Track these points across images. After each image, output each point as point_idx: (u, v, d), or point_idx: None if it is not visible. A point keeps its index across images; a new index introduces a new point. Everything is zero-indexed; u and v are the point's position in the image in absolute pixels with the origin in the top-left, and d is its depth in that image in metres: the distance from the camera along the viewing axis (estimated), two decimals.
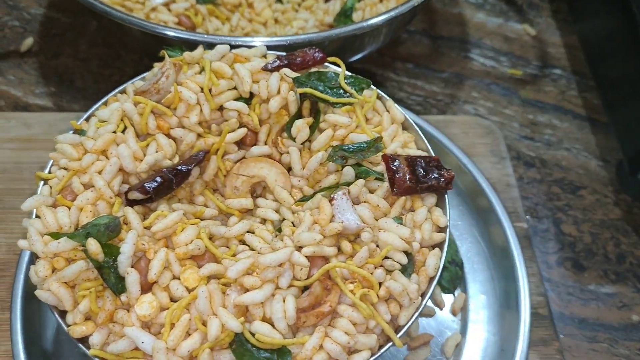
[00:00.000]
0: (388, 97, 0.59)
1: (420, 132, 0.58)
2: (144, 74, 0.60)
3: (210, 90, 0.55)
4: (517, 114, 0.91)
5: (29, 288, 0.59)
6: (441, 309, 0.66)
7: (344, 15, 0.86)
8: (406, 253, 0.48)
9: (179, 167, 0.52)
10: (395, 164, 0.52)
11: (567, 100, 0.93)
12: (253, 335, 0.44)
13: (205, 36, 0.72)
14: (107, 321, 0.44)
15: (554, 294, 0.72)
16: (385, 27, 0.80)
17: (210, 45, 0.63)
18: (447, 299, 0.66)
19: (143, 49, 0.87)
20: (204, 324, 0.44)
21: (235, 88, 0.56)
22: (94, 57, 0.92)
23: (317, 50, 0.61)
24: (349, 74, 0.59)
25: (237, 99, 0.56)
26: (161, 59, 0.60)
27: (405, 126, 0.59)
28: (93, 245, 0.44)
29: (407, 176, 0.51)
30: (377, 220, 0.50)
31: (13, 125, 0.78)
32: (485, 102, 0.92)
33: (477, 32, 1.01)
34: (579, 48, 0.99)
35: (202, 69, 0.57)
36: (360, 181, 0.51)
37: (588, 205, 0.81)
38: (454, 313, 0.65)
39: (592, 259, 0.76)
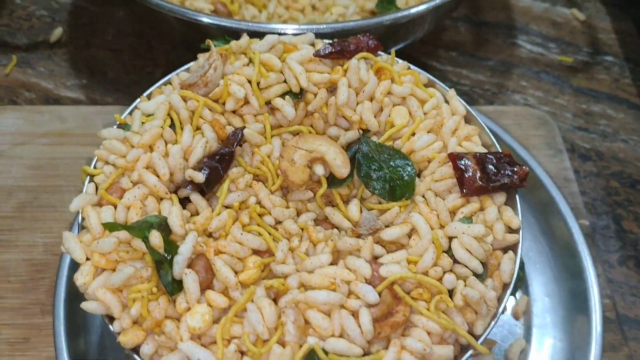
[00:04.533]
0: (448, 88, 0.56)
1: (485, 126, 0.54)
2: (189, 64, 0.57)
3: (258, 84, 0.51)
4: (569, 103, 0.86)
5: (71, 290, 0.57)
6: (503, 313, 0.62)
7: (387, 1, 0.82)
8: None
9: (222, 151, 0.48)
10: (463, 162, 0.48)
11: (621, 88, 0.88)
12: (326, 353, 0.40)
13: (244, 23, 0.69)
14: (153, 327, 0.41)
15: (617, 295, 0.68)
16: (431, 14, 0.75)
17: (250, 33, 0.59)
18: (509, 301, 0.62)
19: (177, 37, 0.83)
20: (256, 343, 0.41)
21: (285, 81, 0.52)
22: (125, 48, 0.89)
23: (370, 37, 0.57)
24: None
25: (286, 92, 0.52)
26: (198, 49, 0.56)
27: (468, 119, 0.55)
28: (156, 237, 0.41)
29: (478, 175, 0.48)
30: (443, 226, 0.47)
31: (47, 119, 0.75)
32: (534, 92, 0.87)
33: (523, 17, 0.96)
34: (631, 34, 0.94)
35: (250, 61, 0.53)
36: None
37: None
38: (516, 317, 0.62)
39: None
